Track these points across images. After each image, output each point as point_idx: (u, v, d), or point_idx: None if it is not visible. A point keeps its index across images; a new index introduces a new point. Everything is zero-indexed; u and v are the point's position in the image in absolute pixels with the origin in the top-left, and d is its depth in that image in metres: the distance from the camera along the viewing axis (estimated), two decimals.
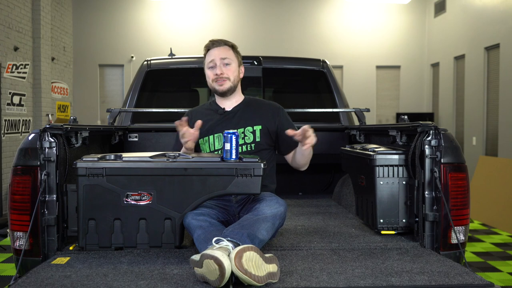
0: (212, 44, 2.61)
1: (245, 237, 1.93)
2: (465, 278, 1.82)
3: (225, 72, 2.57)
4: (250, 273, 1.69)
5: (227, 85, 2.58)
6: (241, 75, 2.68)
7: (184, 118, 2.45)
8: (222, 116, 2.63)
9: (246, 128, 2.58)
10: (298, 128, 2.48)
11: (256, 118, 2.62)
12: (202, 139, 2.60)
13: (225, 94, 2.61)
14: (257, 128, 2.60)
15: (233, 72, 2.60)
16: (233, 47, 2.64)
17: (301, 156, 2.53)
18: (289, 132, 2.36)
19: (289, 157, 2.66)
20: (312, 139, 2.30)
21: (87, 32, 11.31)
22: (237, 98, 2.68)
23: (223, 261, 1.68)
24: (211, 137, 2.58)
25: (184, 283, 1.78)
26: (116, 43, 11.39)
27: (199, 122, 2.45)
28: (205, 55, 2.64)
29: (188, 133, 2.42)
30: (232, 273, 1.70)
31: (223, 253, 1.72)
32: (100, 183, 2.13)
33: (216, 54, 2.58)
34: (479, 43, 9.25)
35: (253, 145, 2.57)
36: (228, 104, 2.66)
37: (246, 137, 2.57)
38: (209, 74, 2.61)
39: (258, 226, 2.02)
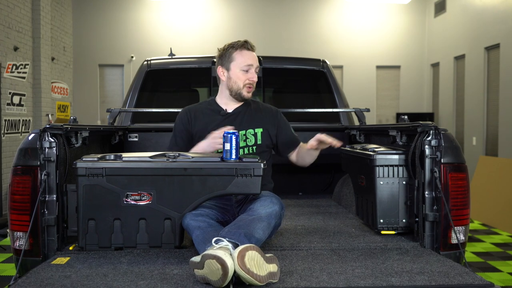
0: (250, 46, 2.59)
1: (242, 236, 1.93)
2: (465, 278, 1.82)
3: (256, 79, 2.60)
4: (252, 273, 1.69)
5: (251, 92, 2.61)
6: None
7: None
8: (224, 118, 2.61)
9: (248, 131, 2.59)
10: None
11: (257, 120, 2.63)
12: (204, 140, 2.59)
13: (245, 100, 2.62)
14: (258, 131, 2.61)
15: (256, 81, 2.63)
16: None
17: (309, 156, 2.59)
18: (312, 145, 2.41)
19: (292, 156, 2.69)
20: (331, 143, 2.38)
21: (87, 32, 11.31)
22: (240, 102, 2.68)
23: (226, 261, 1.68)
24: None
25: (184, 283, 1.78)
26: (116, 43, 11.39)
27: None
28: (234, 52, 2.56)
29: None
30: (233, 273, 1.70)
31: (225, 252, 1.73)
32: (100, 183, 2.13)
33: (254, 60, 2.58)
34: (479, 43, 9.25)
35: (254, 147, 2.57)
36: (230, 105, 2.65)
37: (248, 139, 2.57)
38: (241, 77, 2.55)
39: (254, 226, 2.02)
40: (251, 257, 1.71)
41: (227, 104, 2.65)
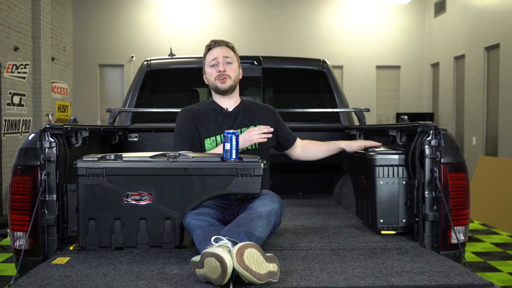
0: (214, 44, 2.67)
1: (242, 235, 1.93)
2: (465, 278, 1.82)
3: (227, 69, 2.62)
4: (251, 270, 1.69)
5: (228, 83, 2.62)
6: (240, 76, 2.74)
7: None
8: (226, 116, 2.65)
9: (250, 127, 2.61)
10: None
11: (258, 118, 2.68)
12: (208, 138, 2.59)
13: (226, 92, 2.64)
14: None
15: (234, 71, 2.66)
16: (233, 48, 2.70)
17: (328, 152, 2.83)
18: (360, 147, 2.74)
19: (295, 151, 2.82)
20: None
21: (87, 32, 11.31)
22: (236, 99, 2.72)
23: (224, 258, 1.68)
24: (218, 137, 2.59)
25: (184, 283, 1.78)
26: (116, 43, 11.39)
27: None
28: (205, 54, 2.69)
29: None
30: (233, 271, 1.70)
31: (224, 250, 1.73)
32: (100, 183, 2.13)
33: (219, 52, 2.63)
34: (479, 43, 9.25)
35: (257, 144, 2.59)
36: (229, 104, 2.69)
37: None
38: (211, 72, 2.64)
39: (254, 224, 2.02)
40: (250, 255, 1.71)
41: (225, 103, 2.69)
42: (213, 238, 1.87)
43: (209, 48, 2.67)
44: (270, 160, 2.75)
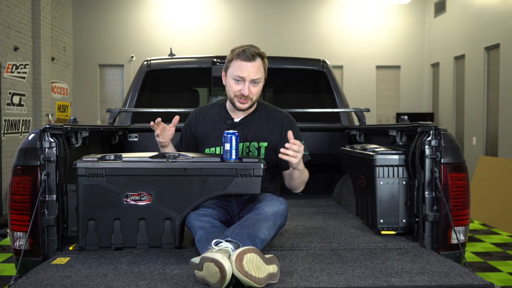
0: (247, 56, 2.34)
1: (245, 237, 1.93)
2: (465, 278, 1.82)
3: (252, 92, 2.39)
4: (251, 275, 1.69)
5: (247, 104, 2.43)
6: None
7: (158, 119, 2.37)
8: (230, 127, 2.48)
9: (252, 143, 2.49)
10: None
11: (264, 133, 2.50)
12: (208, 149, 2.52)
13: (242, 111, 2.48)
14: (263, 145, 2.49)
15: (258, 92, 2.43)
16: (263, 58, 2.42)
17: (290, 177, 2.46)
18: (289, 135, 2.23)
19: (284, 175, 2.53)
20: (293, 157, 2.20)
21: (87, 32, 11.30)
22: (250, 109, 2.53)
23: (223, 264, 1.68)
24: (218, 148, 2.50)
25: (184, 284, 1.78)
26: (116, 43, 11.38)
27: (177, 118, 2.43)
28: (232, 58, 2.39)
29: (165, 133, 2.42)
30: (232, 275, 1.70)
31: (223, 255, 1.72)
32: (100, 183, 2.13)
33: (250, 72, 2.35)
34: (479, 43, 9.25)
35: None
36: (238, 113, 2.52)
37: (250, 153, 2.49)
38: (233, 87, 2.39)
39: (259, 225, 2.01)
40: (249, 260, 1.71)
41: (234, 111, 2.51)
42: (213, 241, 1.87)
43: (238, 56, 2.36)
44: (278, 177, 2.59)
